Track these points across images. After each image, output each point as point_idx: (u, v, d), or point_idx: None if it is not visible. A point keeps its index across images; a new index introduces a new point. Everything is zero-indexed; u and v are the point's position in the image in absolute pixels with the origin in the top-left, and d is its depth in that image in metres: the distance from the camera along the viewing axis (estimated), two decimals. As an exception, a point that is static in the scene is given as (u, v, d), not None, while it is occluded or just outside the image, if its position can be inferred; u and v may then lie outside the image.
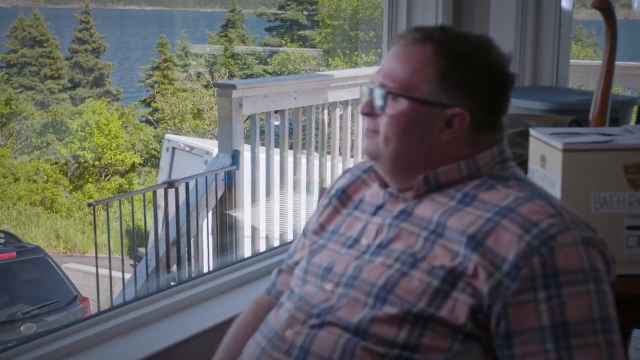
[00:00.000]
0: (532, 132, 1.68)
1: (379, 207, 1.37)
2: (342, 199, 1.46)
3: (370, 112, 1.34)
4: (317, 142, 4.59)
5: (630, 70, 5.09)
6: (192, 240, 4.28)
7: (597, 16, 1.97)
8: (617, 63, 1.98)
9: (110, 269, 4.13)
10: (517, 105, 2.14)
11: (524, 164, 1.81)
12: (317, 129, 4.59)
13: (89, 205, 4.29)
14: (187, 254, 4.20)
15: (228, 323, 1.55)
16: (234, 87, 4.19)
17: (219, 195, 4.30)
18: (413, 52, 1.31)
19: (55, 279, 7.22)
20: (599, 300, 1.18)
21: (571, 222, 1.21)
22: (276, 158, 4.40)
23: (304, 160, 4.53)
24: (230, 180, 4.29)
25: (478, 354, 1.20)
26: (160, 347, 1.99)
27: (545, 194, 1.28)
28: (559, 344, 1.15)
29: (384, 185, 1.38)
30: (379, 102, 1.33)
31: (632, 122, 2.30)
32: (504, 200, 1.25)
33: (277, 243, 4.44)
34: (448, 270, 1.20)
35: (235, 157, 4.24)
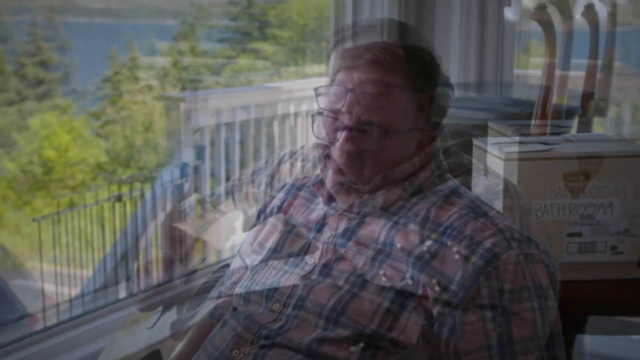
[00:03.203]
0: (475, 141, 1.70)
1: (323, 224, 1.36)
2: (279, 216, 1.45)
3: (359, 148, 1.30)
4: (268, 154, 4.58)
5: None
6: (142, 254, 4.23)
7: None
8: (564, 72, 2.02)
9: (57, 285, 4.06)
10: (461, 115, 2.16)
11: (468, 173, 1.83)
12: (267, 140, 4.57)
13: (34, 220, 4.21)
14: (135, 268, 4.14)
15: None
16: (182, 99, 4.16)
17: (168, 209, 4.26)
18: (391, 85, 1.28)
19: (0, 297, 7.02)
20: (543, 316, 1.20)
21: (512, 238, 1.22)
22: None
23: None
24: (180, 193, 4.24)
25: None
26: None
27: (486, 209, 1.29)
28: None
29: (328, 201, 1.38)
30: (368, 138, 1.29)
31: (573, 131, 2.34)
32: (447, 219, 1.26)
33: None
34: (397, 290, 1.21)
35: (184, 170, 4.20)
